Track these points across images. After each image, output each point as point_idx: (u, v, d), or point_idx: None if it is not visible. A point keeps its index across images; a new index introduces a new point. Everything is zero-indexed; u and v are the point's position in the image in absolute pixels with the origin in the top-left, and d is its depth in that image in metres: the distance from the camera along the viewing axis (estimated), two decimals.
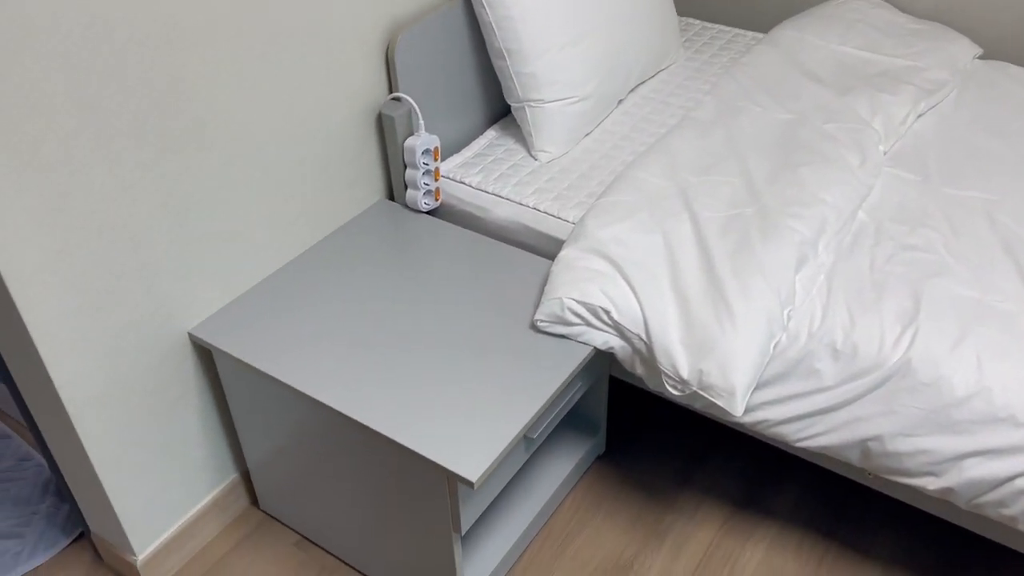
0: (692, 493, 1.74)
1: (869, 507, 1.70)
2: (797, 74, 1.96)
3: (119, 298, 1.32)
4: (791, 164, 1.64)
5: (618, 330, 1.42)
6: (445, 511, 1.31)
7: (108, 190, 1.25)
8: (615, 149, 1.85)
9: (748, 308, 1.36)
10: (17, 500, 1.77)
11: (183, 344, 1.47)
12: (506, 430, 1.27)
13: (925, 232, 1.53)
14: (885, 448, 1.32)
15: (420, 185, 1.70)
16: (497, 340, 1.43)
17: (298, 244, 1.62)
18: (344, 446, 1.39)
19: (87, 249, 1.25)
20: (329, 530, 1.59)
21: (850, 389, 1.34)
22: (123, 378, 1.38)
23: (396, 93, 1.67)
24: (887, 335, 1.34)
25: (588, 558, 1.62)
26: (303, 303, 1.51)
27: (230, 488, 1.68)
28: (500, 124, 1.94)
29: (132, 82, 1.23)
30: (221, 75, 1.36)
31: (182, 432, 1.53)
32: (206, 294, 1.47)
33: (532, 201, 1.68)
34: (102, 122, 1.21)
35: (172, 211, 1.36)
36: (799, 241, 1.46)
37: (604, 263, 1.45)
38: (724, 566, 1.60)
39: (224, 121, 1.39)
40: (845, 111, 1.80)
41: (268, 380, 1.39)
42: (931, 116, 1.88)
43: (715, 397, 1.32)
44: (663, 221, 1.52)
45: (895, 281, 1.43)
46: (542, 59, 1.73)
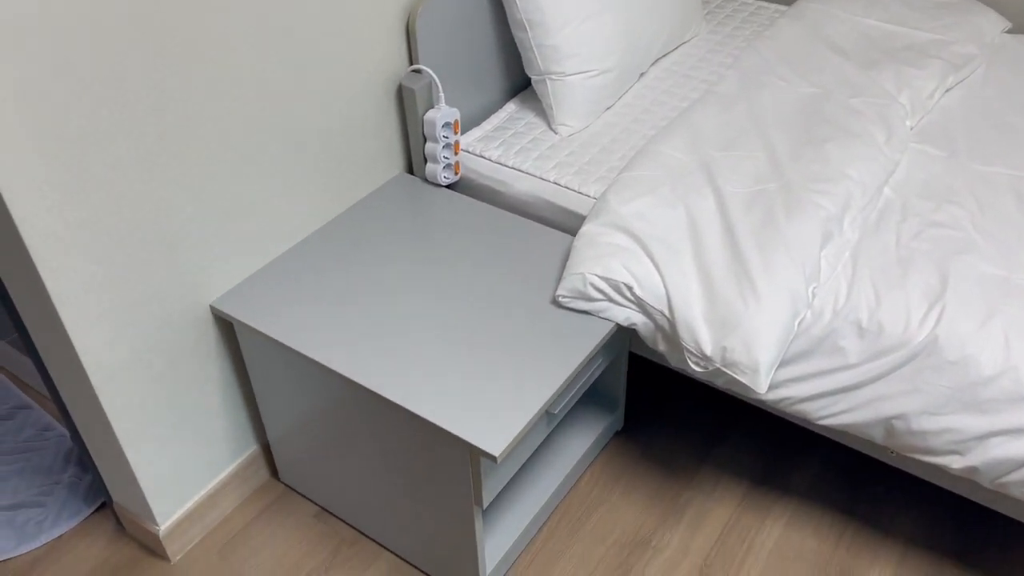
0: (710, 469, 1.73)
1: (888, 484, 1.69)
2: (821, 47, 1.93)
3: (142, 269, 1.32)
4: (816, 139, 1.62)
5: (640, 306, 1.41)
6: (467, 485, 1.31)
7: (130, 161, 1.24)
8: (636, 123, 1.83)
9: (772, 285, 1.34)
10: (39, 470, 1.79)
11: (205, 316, 1.47)
12: (529, 405, 1.27)
13: (951, 209, 1.51)
14: (910, 426, 1.31)
15: (440, 159, 1.69)
16: (518, 315, 1.42)
17: (318, 217, 1.62)
18: (366, 419, 1.40)
19: (110, 220, 1.25)
20: (348, 502, 1.60)
21: (875, 367, 1.33)
22: (146, 349, 1.38)
23: (416, 65, 1.66)
24: (913, 313, 1.33)
25: (606, 533, 1.62)
26: (324, 276, 1.51)
27: (250, 460, 1.68)
28: (519, 97, 1.93)
29: (154, 51, 1.22)
30: (242, 44, 1.34)
31: (203, 403, 1.54)
32: (227, 266, 1.47)
33: (553, 175, 1.67)
34: (124, 92, 1.20)
35: (193, 182, 1.35)
36: (824, 217, 1.45)
37: (627, 238, 1.44)
38: (742, 543, 1.60)
39: (244, 91, 1.38)
40: (871, 85, 1.77)
41: (290, 353, 1.39)
42: (958, 91, 1.86)
43: (738, 374, 1.31)
44: (686, 196, 1.51)
45: (921, 258, 1.41)
46: (564, 31, 1.71)
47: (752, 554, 1.58)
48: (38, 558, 1.62)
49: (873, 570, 1.55)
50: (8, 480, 1.76)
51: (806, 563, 1.56)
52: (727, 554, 1.58)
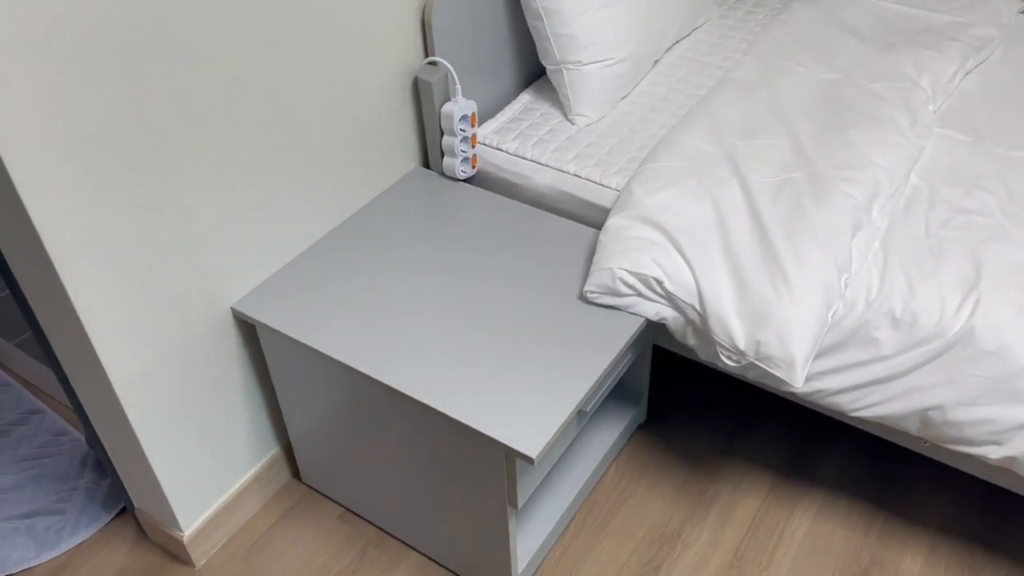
0: (736, 461, 1.72)
1: (915, 471, 1.69)
2: (837, 31, 1.91)
3: (163, 274, 1.30)
4: (839, 125, 1.60)
5: (671, 301, 1.39)
6: (501, 486, 1.29)
7: (150, 163, 1.21)
8: (653, 112, 1.80)
9: (805, 276, 1.33)
10: (55, 476, 1.76)
11: (226, 319, 1.44)
12: (563, 404, 1.25)
13: (980, 195, 1.49)
14: (946, 418, 1.30)
15: (457, 152, 1.66)
16: (545, 311, 1.40)
17: (336, 214, 1.59)
18: (393, 420, 1.38)
19: (132, 224, 1.22)
20: (374, 503, 1.58)
21: (910, 358, 1.31)
22: (168, 354, 1.36)
23: (432, 57, 1.63)
24: (948, 303, 1.31)
25: (634, 529, 1.61)
26: (344, 275, 1.48)
27: (272, 462, 1.66)
28: (533, 87, 1.89)
29: (172, 50, 1.18)
30: (259, 41, 1.31)
31: (225, 407, 1.51)
32: (247, 268, 1.44)
33: (573, 167, 1.64)
34: (143, 91, 1.17)
35: (213, 183, 1.32)
36: (853, 206, 1.43)
37: (654, 232, 1.42)
38: (772, 535, 1.59)
39: (261, 88, 1.34)
40: (891, 69, 1.75)
41: (314, 355, 1.37)
42: (976, 74, 1.84)
43: (774, 368, 1.30)
44: (711, 187, 1.49)
45: (953, 246, 1.39)
46: (580, 19, 1.68)
47: (783, 546, 1.57)
48: (60, 566, 1.59)
49: (904, 559, 1.54)
50: (24, 487, 1.74)
51: (837, 554, 1.55)
52: (757, 547, 1.57)
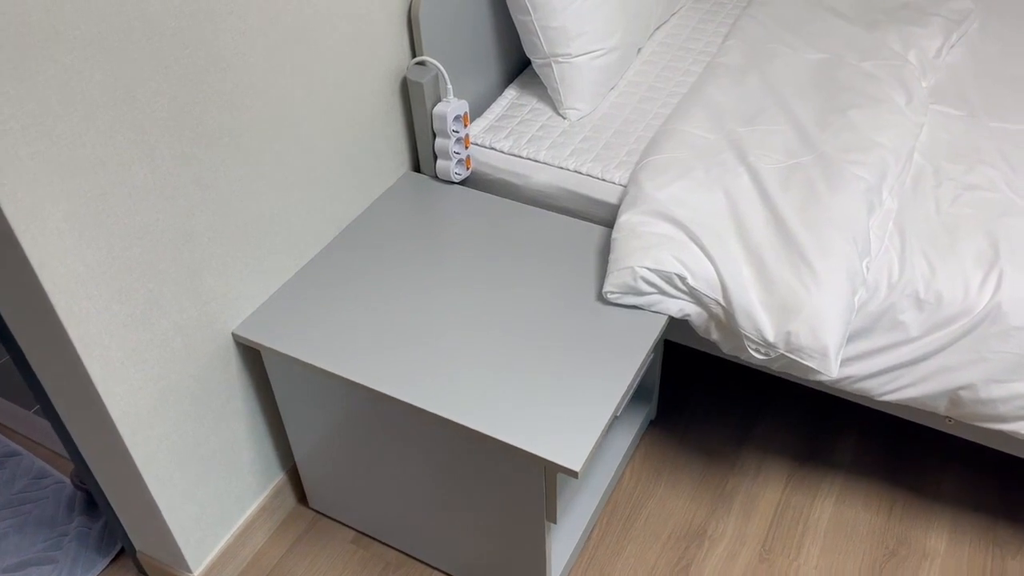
0: (751, 452, 1.70)
1: (928, 449, 1.69)
2: (819, 10, 1.89)
3: (164, 303, 1.21)
4: (838, 107, 1.58)
5: (694, 296, 1.35)
6: (539, 502, 1.24)
7: (148, 187, 1.13)
8: (645, 102, 1.76)
9: (829, 263, 1.30)
10: (41, 522, 1.65)
11: (227, 345, 1.36)
12: (600, 412, 1.20)
13: (983, 170, 1.49)
14: (978, 396, 1.29)
15: (451, 154, 1.60)
16: (563, 314, 1.35)
17: (331, 227, 1.51)
18: (414, 439, 1.31)
19: (131, 253, 1.13)
20: (391, 524, 1.52)
21: (937, 339, 1.31)
22: (172, 388, 1.27)
23: (421, 57, 1.56)
24: (971, 280, 1.30)
25: (660, 528, 1.58)
26: (347, 289, 1.41)
27: (277, 489, 1.58)
28: (518, 83, 1.84)
29: (166, 68, 1.10)
30: (253, 54, 1.23)
31: (230, 437, 1.43)
32: (247, 290, 1.36)
33: (572, 164, 1.59)
34: (138, 113, 1.08)
35: (212, 204, 1.24)
36: (865, 188, 1.41)
37: (671, 227, 1.38)
38: (797, 524, 1.57)
39: (256, 102, 1.26)
40: (879, 47, 1.74)
41: (325, 376, 1.30)
42: (960, 47, 1.84)
43: (806, 359, 1.27)
44: (721, 177, 1.45)
45: (966, 223, 1.39)
46: (568, 11, 1.63)
47: (809, 534, 1.56)
48: None
49: (929, 537, 1.54)
50: (9, 537, 1.63)
51: (863, 538, 1.54)
52: (784, 537, 1.55)
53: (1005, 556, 1.51)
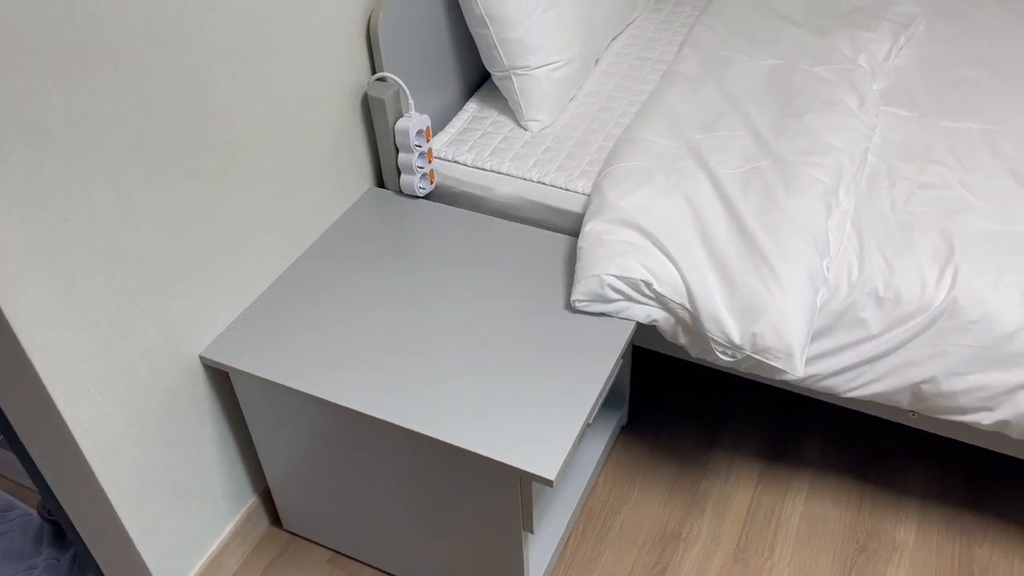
0: (722, 454, 1.72)
1: (894, 443, 1.72)
2: (772, 17, 1.93)
3: (129, 329, 1.20)
4: (793, 112, 1.61)
5: (661, 302, 1.37)
6: (515, 512, 1.24)
7: (109, 212, 1.12)
8: (604, 111, 1.79)
9: (790, 264, 1.33)
10: (8, 555, 1.62)
11: (195, 368, 1.34)
12: (572, 419, 1.21)
13: (936, 169, 1.53)
14: (939, 389, 1.32)
15: (415, 169, 1.60)
16: (532, 324, 1.36)
17: (297, 245, 1.51)
18: (387, 455, 1.31)
19: (93, 279, 1.12)
20: (367, 542, 1.51)
21: (898, 335, 1.34)
22: (140, 414, 1.26)
23: (381, 73, 1.56)
24: (927, 277, 1.34)
25: (635, 533, 1.59)
26: (313, 308, 1.41)
27: (250, 512, 1.57)
28: (478, 96, 1.85)
29: (125, 90, 1.09)
30: (214, 74, 1.22)
31: (201, 461, 1.41)
32: (213, 312, 1.35)
33: (535, 175, 1.60)
34: (96, 135, 1.07)
35: (174, 226, 1.23)
36: (823, 190, 1.44)
37: (635, 234, 1.40)
38: (769, 522, 1.60)
39: (217, 122, 1.26)
40: (830, 52, 1.78)
41: (293, 395, 1.29)
42: (908, 50, 1.89)
43: (772, 359, 1.30)
44: (681, 184, 1.48)
45: (921, 221, 1.42)
46: (526, 23, 1.65)
47: (781, 532, 1.58)
48: None
49: (898, 530, 1.57)
50: None
51: (834, 533, 1.57)
52: (757, 536, 1.57)
53: (972, 544, 1.55)
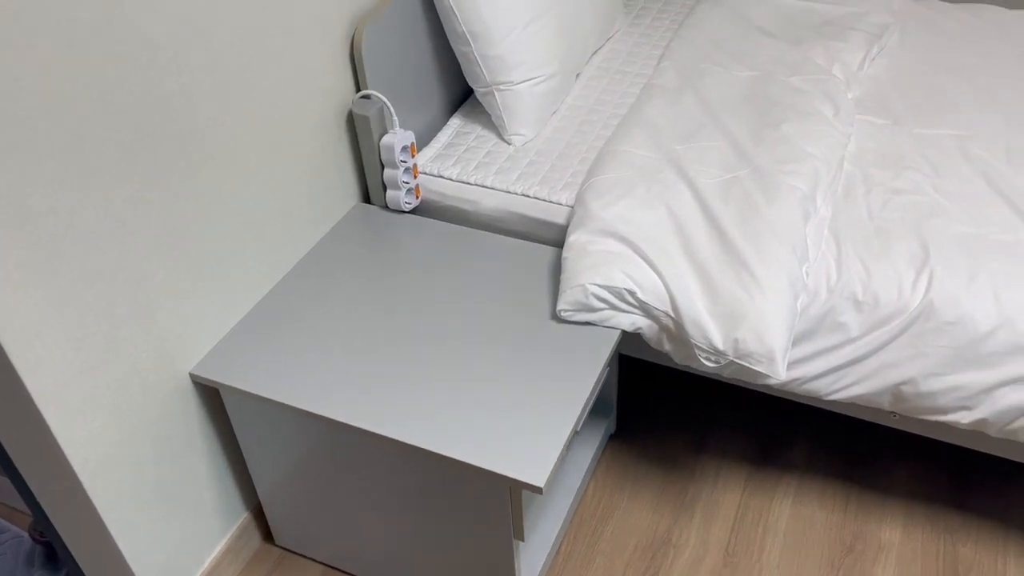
0: (709, 460, 1.75)
1: (879, 445, 1.75)
2: (747, 30, 1.97)
3: (120, 347, 1.21)
4: (771, 121, 1.65)
5: (644, 310, 1.39)
6: (506, 520, 1.26)
7: (99, 232, 1.13)
8: (586, 124, 1.81)
9: (770, 271, 1.36)
10: None
11: (185, 386, 1.36)
12: (560, 427, 1.23)
13: (910, 175, 1.57)
14: (919, 389, 1.35)
15: (401, 184, 1.62)
16: (519, 335, 1.38)
17: (285, 261, 1.52)
18: (378, 467, 1.33)
19: (85, 298, 1.13)
20: (359, 554, 1.52)
21: (876, 337, 1.36)
22: (131, 432, 1.27)
23: (366, 91, 1.59)
24: (904, 280, 1.37)
25: (625, 540, 1.60)
26: (303, 323, 1.42)
27: (242, 528, 1.58)
28: (461, 111, 1.88)
29: (115, 113, 1.11)
30: (202, 94, 1.24)
31: (192, 478, 1.42)
32: (202, 330, 1.36)
33: (519, 188, 1.63)
34: (87, 159, 1.09)
35: (163, 245, 1.24)
36: (800, 197, 1.47)
37: (618, 244, 1.42)
38: (757, 526, 1.62)
39: (204, 143, 1.28)
40: (805, 63, 1.82)
41: (283, 410, 1.31)
42: (881, 59, 1.93)
43: (755, 364, 1.32)
44: (663, 194, 1.50)
45: (897, 226, 1.46)
46: (507, 40, 1.68)
47: (769, 535, 1.60)
48: None
49: (883, 530, 1.59)
50: None
51: (821, 535, 1.59)
52: (746, 539, 1.59)
53: (956, 543, 1.57)
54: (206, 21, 1.23)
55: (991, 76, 1.82)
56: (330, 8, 1.50)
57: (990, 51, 1.91)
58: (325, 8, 1.48)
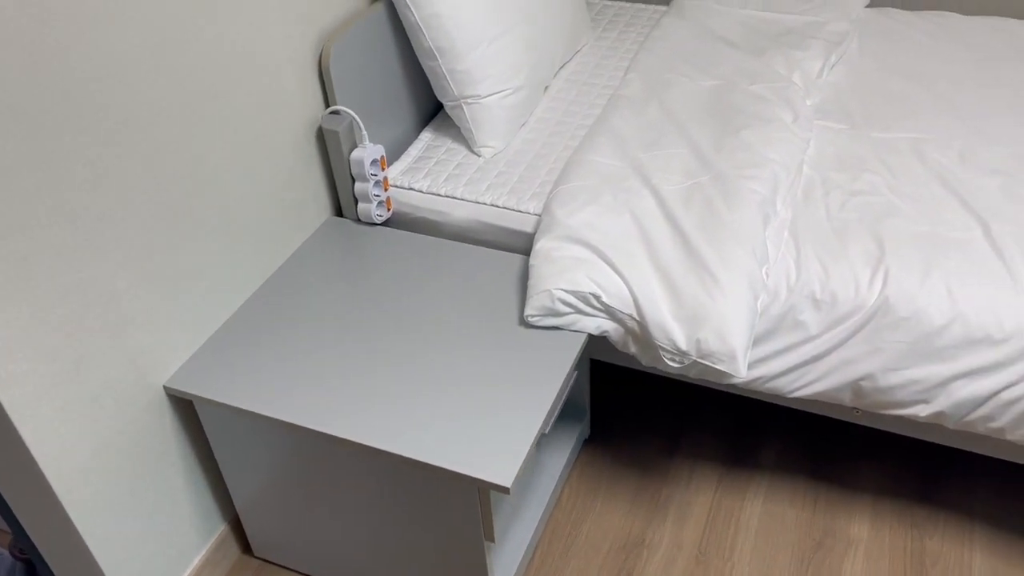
0: (682, 462, 1.78)
1: (847, 442, 1.78)
2: (710, 41, 2.02)
3: (92, 361, 1.23)
4: (732, 128, 1.69)
5: (609, 313, 1.43)
6: (476, 522, 1.28)
7: (70, 248, 1.16)
8: (554, 136, 1.85)
9: (731, 273, 1.39)
10: None
11: (159, 399, 1.38)
12: (527, 429, 1.26)
13: (867, 177, 1.61)
14: (877, 384, 1.39)
15: (371, 197, 1.65)
16: (488, 341, 1.41)
17: (258, 274, 1.55)
18: (352, 473, 1.35)
19: (57, 313, 1.15)
20: (337, 562, 1.54)
21: (835, 335, 1.40)
22: (106, 445, 1.29)
23: (335, 107, 1.62)
24: (860, 278, 1.40)
25: (600, 542, 1.63)
26: (276, 335, 1.45)
27: (220, 541, 1.59)
28: (432, 125, 1.91)
29: (81, 130, 1.13)
30: (170, 110, 1.27)
31: (168, 490, 1.44)
32: (176, 342, 1.38)
33: (489, 198, 1.66)
34: (57, 176, 1.11)
35: (135, 260, 1.27)
36: (760, 201, 1.51)
37: (583, 250, 1.46)
38: (729, 525, 1.64)
39: (174, 159, 1.31)
40: (765, 71, 1.87)
41: (259, 420, 1.33)
42: (840, 66, 1.98)
43: (717, 363, 1.35)
44: (627, 200, 1.54)
45: (853, 227, 1.50)
46: (473, 54, 1.72)
47: (741, 534, 1.63)
48: None
49: (852, 526, 1.63)
50: None
51: (791, 532, 1.62)
52: (718, 539, 1.62)
53: (923, 536, 1.60)
54: (172, 41, 1.26)
55: (947, 81, 1.87)
56: (297, 26, 1.53)
57: (947, 57, 1.96)
58: (292, 26, 1.52)
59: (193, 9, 1.29)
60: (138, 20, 1.20)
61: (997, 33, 2.05)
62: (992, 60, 1.94)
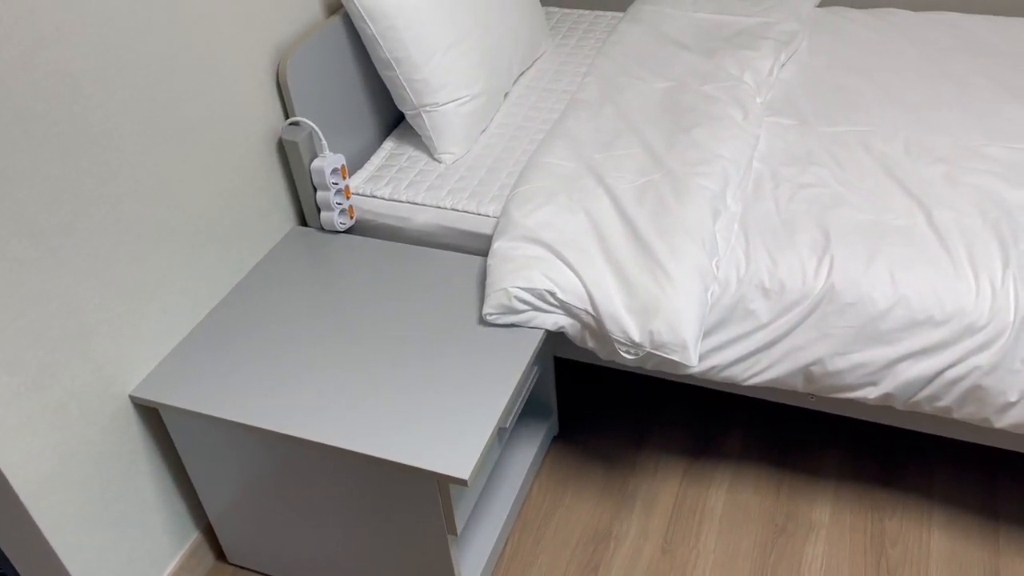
0: (648, 454, 1.81)
1: (809, 429, 1.82)
2: (664, 44, 2.07)
3: (56, 371, 1.26)
4: (683, 127, 1.74)
5: (565, 309, 1.46)
6: (438, 516, 1.31)
7: (29, 260, 1.18)
8: (513, 140, 1.89)
9: (681, 266, 1.43)
10: None
11: (125, 408, 1.40)
12: (484, 423, 1.29)
13: (815, 170, 1.66)
14: (826, 369, 1.43)
15: (333, 205, 1.69)
16: (447, 340, 1.45)
17: (223, 284, 1.58)
18: (317, 474, 1.38)
19: (19, 324, 1.18)
20: (310, 564, 1.56)
21: (785, 322, 1.44)
22: (72, 454, 1.31)
23: (294, 117, 1.66)
24: (807, 267, 1.45)
25: (568, 535, 1.66)
26: (241, 343, 1.48)
27: (193, 549, 1.61)
28: (395, 134, 1.95)
29: (40, 143, 1.17)
30: (129, 123, 1.31)
31: (138, 499, 1.46)
32: (141, 352, 1.41)
33: (449, 202, 1.70)
34: (14, 189, 1.14)
35: (98, 271, 1.30)
36: (710, 196, 1.56)
37: (539, 248, 1.50)
38: (694, 514, 1.68)
39: (135, 171, 1.34)
40: (717, 71, 1.92)
41: (225, 425, 1.36)
42: (791, 65, 2.03)
43: (669, 353, 1.39)
44: (582, 200, 1.58)
45: (801, 218, 1.54)
46: (430, 64, 1.76)
47: (705, 522, 1.66)
48: None
49: (814, 511, 1.66)
50: None
51: (755, 519, 1.66)
52: (683, 528, 1.65)
53: (883, 518, 1.64)
54: (129, 55, 1.30)
55: (893, 74, 1.93)
56: (254, 38, 1.57)
57: (894, 52, 2.02)
58: (249, 39, 1.55)
59: (151, 21, 1.32)
60: (95, 34, 1.23)
61: (943, 27, 2.11)
62: (937, 54, 2.00)
